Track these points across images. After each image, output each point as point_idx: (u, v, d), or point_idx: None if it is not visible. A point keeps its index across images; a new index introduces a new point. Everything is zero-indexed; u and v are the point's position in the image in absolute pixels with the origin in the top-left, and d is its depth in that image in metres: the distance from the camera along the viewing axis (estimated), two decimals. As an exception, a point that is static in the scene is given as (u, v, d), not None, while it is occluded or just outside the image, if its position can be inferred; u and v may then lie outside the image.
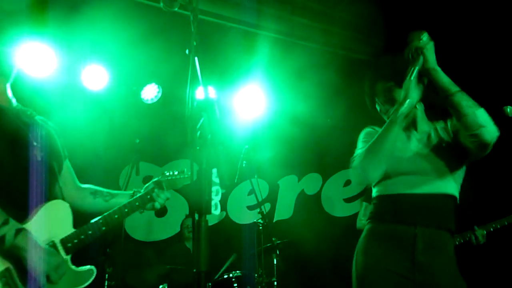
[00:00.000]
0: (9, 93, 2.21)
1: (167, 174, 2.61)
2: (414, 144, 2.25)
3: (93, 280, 2.22)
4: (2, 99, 2.17)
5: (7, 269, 1.89)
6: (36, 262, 1.91)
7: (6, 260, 1.90)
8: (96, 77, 4.67)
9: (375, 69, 2.40)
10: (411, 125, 2.30)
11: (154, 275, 4.16)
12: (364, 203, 4.46)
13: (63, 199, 2.23)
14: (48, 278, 1.95)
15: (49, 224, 2.05)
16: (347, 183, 5.88)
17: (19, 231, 1.90)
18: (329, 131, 5.56)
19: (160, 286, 4.11)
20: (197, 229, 1.41)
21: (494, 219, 4.14)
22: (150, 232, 5.30)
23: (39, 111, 2.34)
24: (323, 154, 5.54)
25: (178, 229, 5.21)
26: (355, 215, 4.55)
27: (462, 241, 4.06)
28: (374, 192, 2.33)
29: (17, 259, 1.90)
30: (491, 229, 4.10)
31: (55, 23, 3.71)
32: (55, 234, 2.09)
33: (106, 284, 3.92)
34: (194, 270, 1.39)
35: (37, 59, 4.13)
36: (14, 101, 2.24)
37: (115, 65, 4.78)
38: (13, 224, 1.89)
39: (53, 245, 2.06)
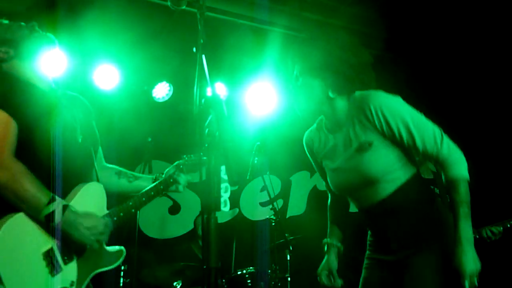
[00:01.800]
0: (49, 76, 2.29)
1: (186, 158, 2.67)
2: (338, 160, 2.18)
3: (109, 278, 2.25)
4: (43, 83, 2.24)
5: (51, 249, 1.94)
6: (85, 234, 1.99)
7: (51, 239, 1.95)
8: (107, 76, 4.71)
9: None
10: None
11: (168, 272, 4.19)
12: None
13: (98, 180, 2.30)
14: (99, 242, 2.05)
15: (86, 205, 2.10)
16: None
17: (65, 207, 1.95)
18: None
19: (175, 283, 4.15)
20: (207, 226, 1.42)
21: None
22: (164, 230, 5.34)
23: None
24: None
25: (192, 226, 5.24)
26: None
27: (477, 237, 4.03)
28: None
29: (65, 234, 1.96)
30: (508, 226, 4.07)
31: (65, 25, 3.75)
32: (96, 216, 2.13)
33: (121, 281, 3.97)
34: (204, 267, 1.40)
35: (49, 60, 4.16)
36: (52, 83, 2.30)
37: (126, 64, 4.81)
38: (59, 201, 1.94)
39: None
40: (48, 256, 1.93)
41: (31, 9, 3.87)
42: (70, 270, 2.01)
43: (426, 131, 2.00)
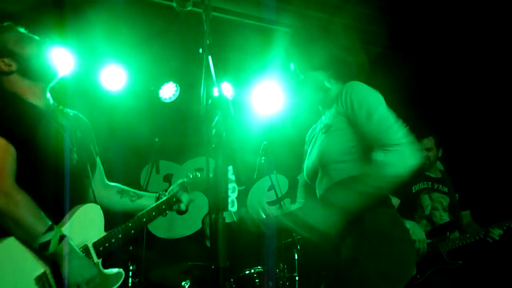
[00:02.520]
0: (48, 95, 2.26)
1: (191, 176, 2.64)
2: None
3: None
4: (41, 102, 2.22)
5: (44, 273, 1.92)
6: (72, 272, 1.92)
7: (45, 264, 1.94)
8: (114, 77, 4.73)
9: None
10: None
11: (177, 272, 4.20)
12: None
13: (95, 201, 2.27)
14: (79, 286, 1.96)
15: (83, 227, 2.08)
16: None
17: (62, 237, 1.92)
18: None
19: (183, 283, 4.16)
20: (215, 226, 1.43)
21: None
22: (172, 230, 5.36)
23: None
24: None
25: (199, 226, 5.25)
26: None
27: (482, 236, 4.01)
28: None
29: (56, 265, 1.93)
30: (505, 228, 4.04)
31: (72, 26, 3.77)
32: (88, 237, 2.11)
33: (130, 281, 3.98)
34: (213, 267, 1.41)
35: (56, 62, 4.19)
36: (51, 101, 2.28)
37: (132, 65, 4.83)
38: (57, 231, 1.92)
39: (86, 248, 2.09)
40: (41, 280, 1.91)
41: (37, 9, 3.88)
42: None
43: (386, 123, 1.96)
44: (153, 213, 2.39)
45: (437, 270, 3.97)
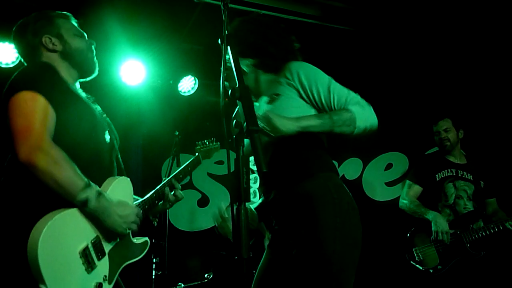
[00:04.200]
0: (78, 85, 2.35)
1: (201, 143, 2.71)
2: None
3: (141, 271, 2.28)
4: (74, 85, 2.30)
5: (86, 247, 1.97)
6: (116, 222, 2.03)
7: (87, 237, 1.99)
8: (134, 72, 4.76)
9: None
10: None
11: (199, 264, 4.23)
12: (408, 182, 4.39)
13: (125, 174, 2.34)
14: (129, 229, 2.09)
15: (118, 198, 2.13)
16: (389, 166, 5.79)
17: (99, 193, 1.97)
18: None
19: (206, 275, 4.19)
20: (237, 217, 1.43)
21: None
22: (193, 222, 5.39)
23: None
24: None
25: (221, 218, 5.27)
26: (397, 199, 4.49)
27: (501, 228, 3.94)
28: None
29: (98, 220, 1.99)
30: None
31: (91, 20, 3.79)
32: (128, 203, 2.18)
33: (153, 273, 4.03)
34: (236, 258, 1.41)
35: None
36: (80, 90, 2.36)
37: (151, 59, 4.86)
38: (94, 187, 1.96)
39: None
40: (84, 253, 1.96)
41: (56, 5, 3.91)
42: (103, 265, 2.05)
43: (338, 91, 2.15)
44: (180, 176, 2.51)
45: (460, 261, 3.92)
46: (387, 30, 4.82)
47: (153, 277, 4.01)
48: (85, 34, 2.37)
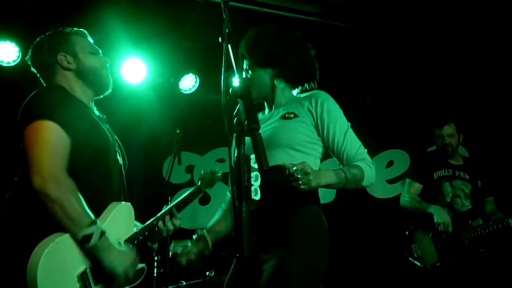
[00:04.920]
0: (93, 103, 2.36)
1: (202, 173, 2.70)
2: None
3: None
4: (89, 104, 2.31)
5: (85, 271, 1.98)
6: (113, 263, 2.00)
7: (85, 261, 1.99)
8: (134, 70, 4.76)
9: None
10: None
11: (201, 262, 4.23)
12: (408, 180, 4.39)
13: (127, 199, 2.34)
14: (126, 275, 2.05)
15: (118, 225, 2.16)
16: (390, 164, 5.79)
17: (103, 233, 1.97)
18: (368, 111, 5.48)
19: (207, 272, 4.19)
20: (238, 214, 1.43)
21: None
22: (195, 220, 5.40)
23: None
24: (363, 135, 5.46)
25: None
26: (398, 196, 4.50)
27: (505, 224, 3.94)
28: None
29: (95, 261, 1.99)
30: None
31: (91, 19, 3.79)
32: (121, 234, 2.19)
33: (155, 271, 4.04)
34: (237, 255, 1.41)
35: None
36: (95, 108, 2.37)
37: (152, 57, 4.85)
38: (99, 226, 1.97)
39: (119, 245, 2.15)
40: (82, 278, 1.96)
41: (56, 4, 3.92)
42: None
43: (352, 140, 2.22)
44: (181, 205, 2.49)
45: (458, 257, 3.92)
46: (388, 28, 4.81)
47: (155, 275, 4.02)
48: (100, 51, 2.38)
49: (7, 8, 4.02)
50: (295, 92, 2.41)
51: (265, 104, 2.43)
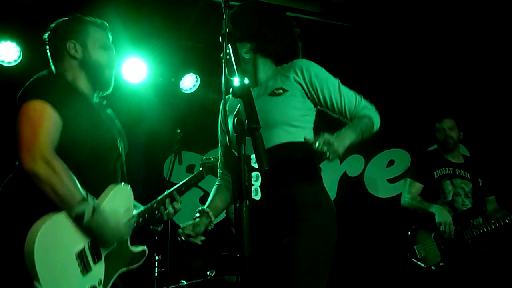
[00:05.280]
0: (95, 94, 2.36)
1: (205, 159, 2.73)
2: None
3: (144, 268, 2.30)
4: (90, 95, 2.31)
5: (83, 249, 2.00)
6: (108, 240, 2.06)
7: (83, 239, 2.01)
8: (135, 70, 4.76)
9: None
10: None
11: (202, 261, 4.24)
12: (409, 180, 4.39)
13: (126, 181, 2.37)
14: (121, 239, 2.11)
15: (116, 205, 2.16)
16: (391, 163, 5.79)
17: (95, 209, 1.98)
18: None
19: (208, 272, 4.19)
20: (239, 214, 1.43)
21: None
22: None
23: None
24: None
25: (223, 216, 5.27)
26: (399, 196, 4.49)
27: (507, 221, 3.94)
28: None
29: (93, 236, 2.02)
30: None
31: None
32: (120, 217, 2.19)
33: (156, 271, 4.04)
34: (238, 255, 1.41)
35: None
36: (97, 97, 2.37)
37: (153, 57, 4.85)
38: (90, 203, 1.97)
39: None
40: (80, 255, 1.98)
41: (56, 3, 3.91)
42: (99, 269, 2.07)
43: (348, 94, 2.23)
44: (183, 188, 2.50)
45: (462, 257, 3.92)
46: (387, 27, 4.81)
47: (156, 274, 4.02)
48: (113, 50, 2.37)
49: (8, 8, 4.03)
50: None
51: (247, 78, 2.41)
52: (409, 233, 4.18)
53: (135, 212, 2.29)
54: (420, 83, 5.44)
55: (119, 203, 2.19)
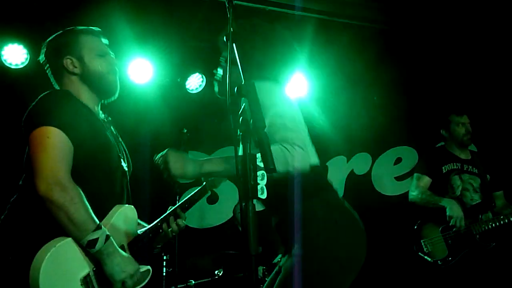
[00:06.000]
0: (99, 107, 2.36)
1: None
2: None
3: (152, 268, 2.29)
4: (94, 109, 2.30)
5: (88, 274, 1.99)
6: (115, 269, 2.00)
7: (89, 264, 2.01)
8: (141, 70, 4.77)
9: None
10: None
11: (210, 261, 4.25)
12: (416, 174, 4.37)
13: (131, 202, 2.36)
14: (123, 285, 2.04)
15: (121, 228, 2.17)
16: (398, 161, 5.77)
17: (108, 237, 1.99)
18: (376, 109, 5.46)
19: (216, 271, 4.20)
20: (245, 214, 1.43)
21: None
22: (203, 219, 5.41)
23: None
24: (371, 132, 5.45)
25: (231, 215, 5.28)
26: (407, 193, 4.47)
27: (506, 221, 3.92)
28: None
29: (99, 263, 2.00)
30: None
31: (96, 20, 3.80)
32: (124, 237, 2.19)
33: (164, 271, 4.05)
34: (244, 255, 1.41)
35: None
36: (101, 112, 2.37)
37: (159, 58, 4.86)
38: (104, 230, 1.98)
39: (122, 248, 2.14)
40: (85, 281, 1.98)
41: (62, 4, 3.93)
42: None
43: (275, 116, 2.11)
44: (186, 205, 2.43)
45: (470, 252, 3.90)
46: (397, 25, 4.79)
47: (164, 274, 4.03)
48: (110, 53, 2.35)
49: (15, 11, 4.05)
50: None
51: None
52: (415, 226, 4.16)
53: (139, 231, 2.28)
54: (428, 81, 5.42)
55: (123, 225, 2.18)
